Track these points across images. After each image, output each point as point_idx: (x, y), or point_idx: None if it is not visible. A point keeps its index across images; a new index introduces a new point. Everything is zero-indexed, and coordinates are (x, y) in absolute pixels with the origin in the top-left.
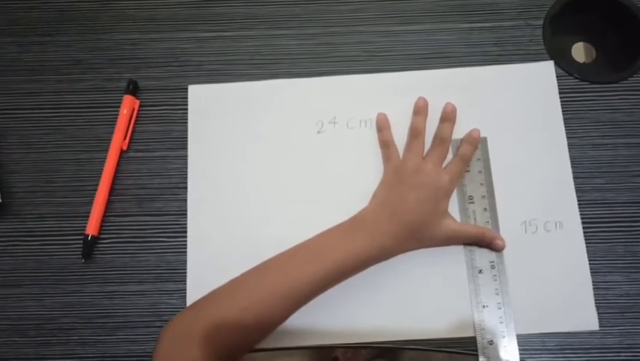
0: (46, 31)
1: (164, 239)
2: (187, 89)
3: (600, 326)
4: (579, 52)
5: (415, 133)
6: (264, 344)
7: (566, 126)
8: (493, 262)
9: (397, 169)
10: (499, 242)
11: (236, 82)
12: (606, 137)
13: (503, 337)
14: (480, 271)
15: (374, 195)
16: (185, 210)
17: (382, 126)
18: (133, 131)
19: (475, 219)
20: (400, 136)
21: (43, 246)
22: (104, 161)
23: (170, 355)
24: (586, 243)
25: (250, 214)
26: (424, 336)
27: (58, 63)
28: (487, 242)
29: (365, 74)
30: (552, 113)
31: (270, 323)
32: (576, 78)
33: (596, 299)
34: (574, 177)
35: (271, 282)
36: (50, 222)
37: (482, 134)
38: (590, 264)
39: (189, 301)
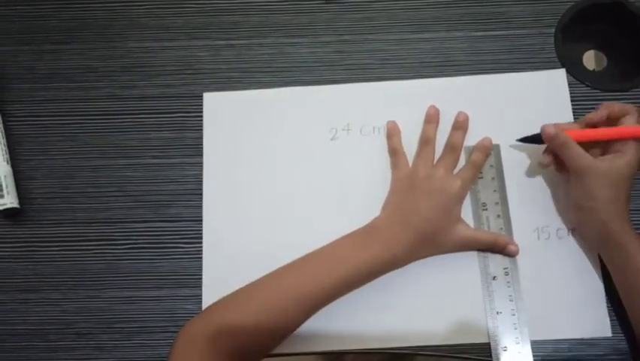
0: (60, 40)
1: (180, 245)
2: (202, 96)
3: (613, 333)
4: (590, 60)
5: (426, 140)
6: (278, 349)
7: None
8: (506, 268)
9: (408, 176)
10: (512, 247)
11: (251, 89)
12: None
13: (517, 343)
14: (494, 278)
15: (386, 203)
16: (201, 217)
17: (392, 133)
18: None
19: (488, 226)
20: (412, 143)
21: (61, 251)
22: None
23: (185, 357)
24: None
25: (265, 220)
26: (437, 342)
27: (72, 71)
28: (500, 248)
29: (378, 82)
30: (564, 121)
31: (284, 328)
32: (587, 86)
33: (608, 306)
34: None
35: (286, 287)
36: (68, 227)
37: (495, 142)
38: None
39: (205, 306)
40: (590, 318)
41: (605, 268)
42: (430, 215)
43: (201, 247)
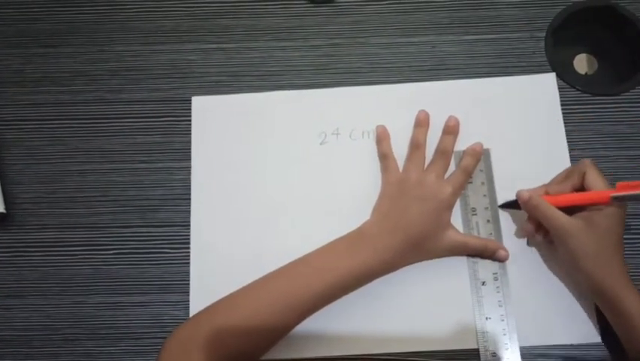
0: (49, 43)
1: (168, 250)
2: (190, 100)
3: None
4: (581, 63)
5: (416, 145)
6: (267, 356)
7: (567, 138)
8: (496, 273)
9: (399, 181)
10: (502, 252)
11: (240, 93)
12: (608, 149)
13: (506, 349)
14: (483, 283)
15: (376, 208)
16: (189, 222)
17: (381, 138)
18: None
19: (478, 231)
20: (402, 147)
21: (47, 257)
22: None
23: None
24: None
25: (253, 225)
26: (427, 348)
27: (60, 74)
28: (490, 253)
29: (368, 86)
30: (554, 125)
31: (274, 332)
32: (578, 90)
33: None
34: None
35: (276, 292)
36: (54, 232)
37: (485, 146)
38: None
39: (192, 312)
40: (579, 324)
41: (600, 314)
42: (420, 220)
43: (189, 252)
